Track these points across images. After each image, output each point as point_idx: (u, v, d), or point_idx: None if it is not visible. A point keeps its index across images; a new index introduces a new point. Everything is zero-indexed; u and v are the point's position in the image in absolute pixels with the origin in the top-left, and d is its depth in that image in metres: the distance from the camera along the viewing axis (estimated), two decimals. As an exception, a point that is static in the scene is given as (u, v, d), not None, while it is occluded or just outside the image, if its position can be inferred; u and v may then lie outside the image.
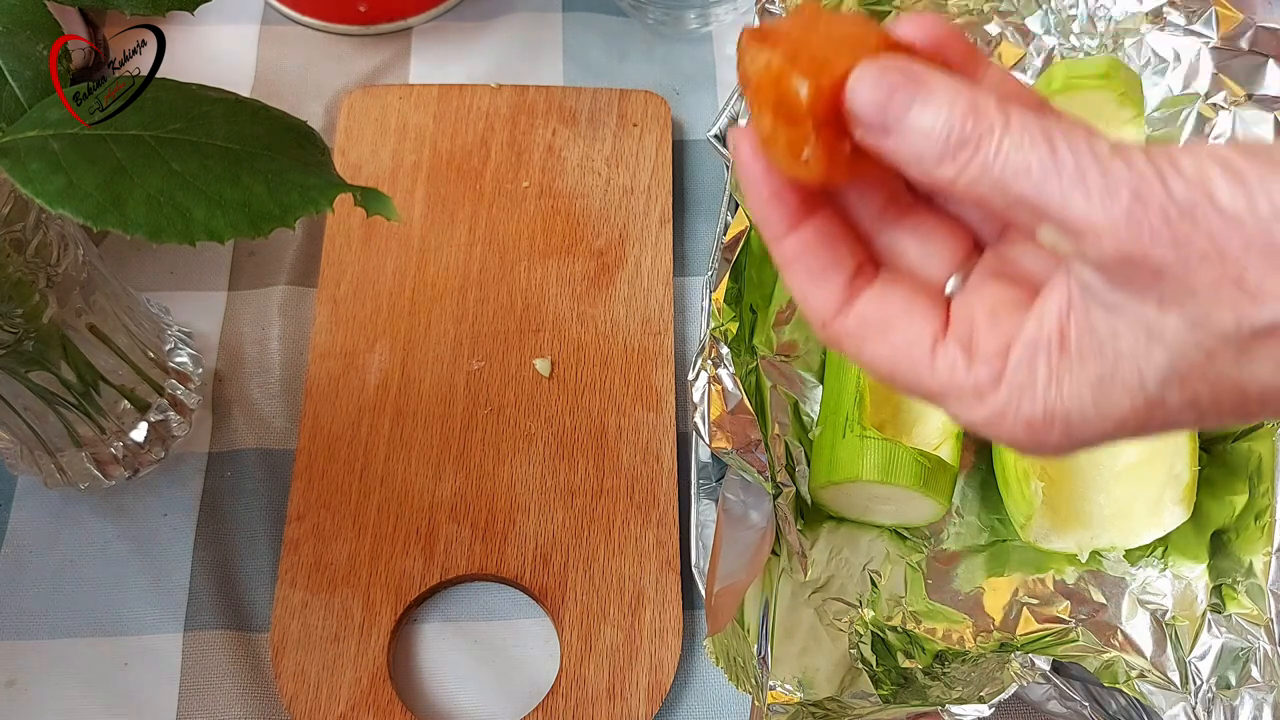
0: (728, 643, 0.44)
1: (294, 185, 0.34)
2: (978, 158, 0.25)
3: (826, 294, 0.29)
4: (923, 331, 0.28)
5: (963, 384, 0.27)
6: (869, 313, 0.29)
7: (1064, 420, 0.26)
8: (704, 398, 0.48)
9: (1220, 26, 0.56)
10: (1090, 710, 0.45)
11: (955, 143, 0.25)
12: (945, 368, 0.27)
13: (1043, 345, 0.26)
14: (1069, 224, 0.24)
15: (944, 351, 0.28)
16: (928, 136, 0.25)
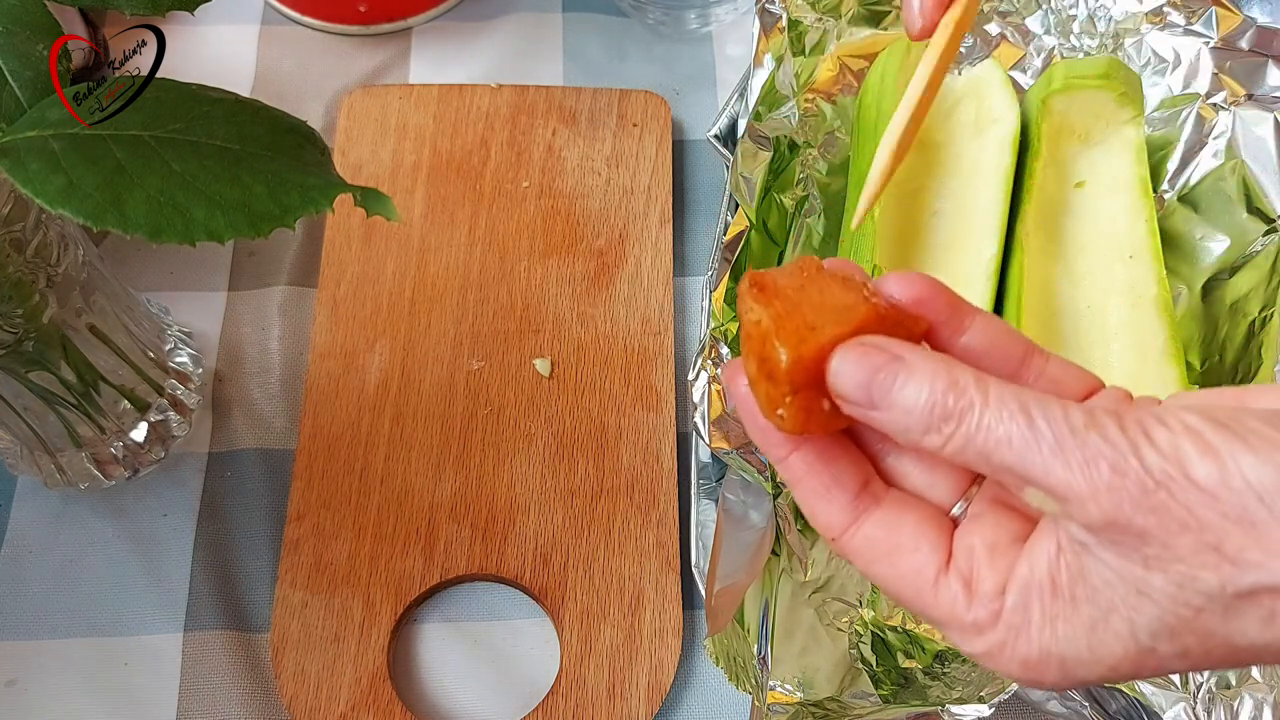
0: (728, 643, 0.44)
1: (294, 185, 0.34)
2: (960, 430, 0.26)
3: (833, 511, 0.30)
4: (928, 562, 0.29)
5: (963, 619, 0.28)
6: (877, 536, 0.29)
7: (1059, 660, 0.27)
8: (704, 398, 0.48)
9: (1220, 26, 0.56)
10: (1090, 710, 0.45)
11: (939, 417, 0.26)
12: (947, 601, 0.28)
13: (1035, 589, 0.27)
14: (1053, 491, 0.26)
15: (946, 585, 0.28)
16: (911, 413, 0.27)
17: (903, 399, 0.27)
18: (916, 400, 0.27)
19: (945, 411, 0.26)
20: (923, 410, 0.27)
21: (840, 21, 0.61)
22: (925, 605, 0.29)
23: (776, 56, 0.56)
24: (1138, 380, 0.51)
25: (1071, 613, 0.26)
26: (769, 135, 0.56)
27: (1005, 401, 0.26)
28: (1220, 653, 0.26)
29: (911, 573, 0.29)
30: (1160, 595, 0.25)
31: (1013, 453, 0.26)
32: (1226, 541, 0.24)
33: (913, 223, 0.56)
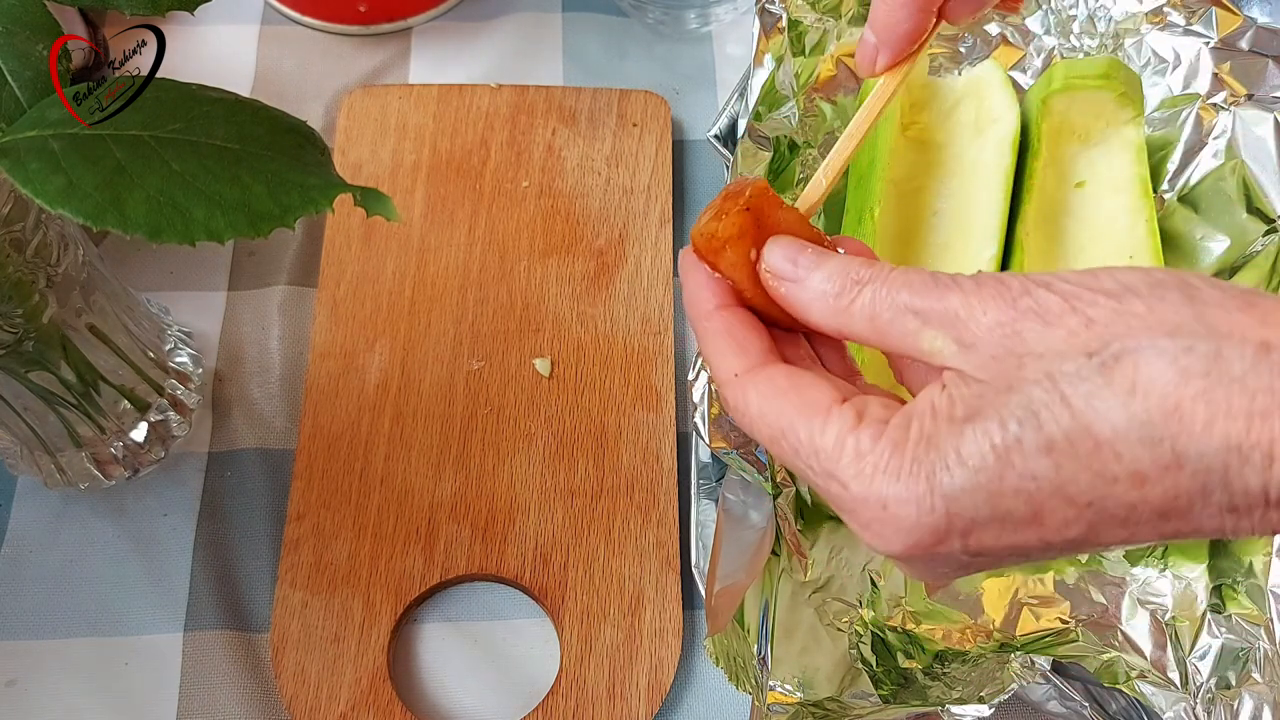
0: (728, 643, 0.44)
1: (294, 185, 0.34)
2: (868, 287, 0.30)
3: (742, 356, 0.32)
4: (824, 395, 0.30)
5: (846, 442, 0.29)
6: (778, 376, 0.31)
7: (929, 471, 0.28)
8: (704, 398, 0.48)
9: (1220, 26, 0.56)
10: (1090, 710, 0.45)
11: (852, 281, 0.31)
12: (836, 425, 0.29)
13: (917, 414, 0.29)
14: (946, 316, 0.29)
15: (839, 413, 0.30)
16: (829, 279, 0.31)
17: (821, 272, 0.31)
18: (832, 272, 0.31)
19: (857, 278, 0.31)
20: (838, 278, 0.31)
21: (840, 21, 0.61)
22: (812, 433, 0.30)
23: (776, 56, 0.56)
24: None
25: (946, 425, 0.28)
26: (769, 135, 0.55)
27: (906, 269, 0.30)
28: (1085, 448, 0.26)
29: (807, 403, 0.30)
30: (1032, 388, 0.27)
31: (912, 291, 0.29)
32: (1097, 314, 0.27)
33: (913, 223, 0.56)
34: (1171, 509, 0.26)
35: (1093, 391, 0.26)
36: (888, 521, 0.28)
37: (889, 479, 0.28)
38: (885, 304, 0.30)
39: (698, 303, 0.34)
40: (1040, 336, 0.27)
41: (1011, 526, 0.27)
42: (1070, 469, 0.26)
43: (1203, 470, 0.25)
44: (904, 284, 0.30)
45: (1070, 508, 0.27)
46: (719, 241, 0.34)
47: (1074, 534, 0.27)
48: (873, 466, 0.28)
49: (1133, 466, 0.26)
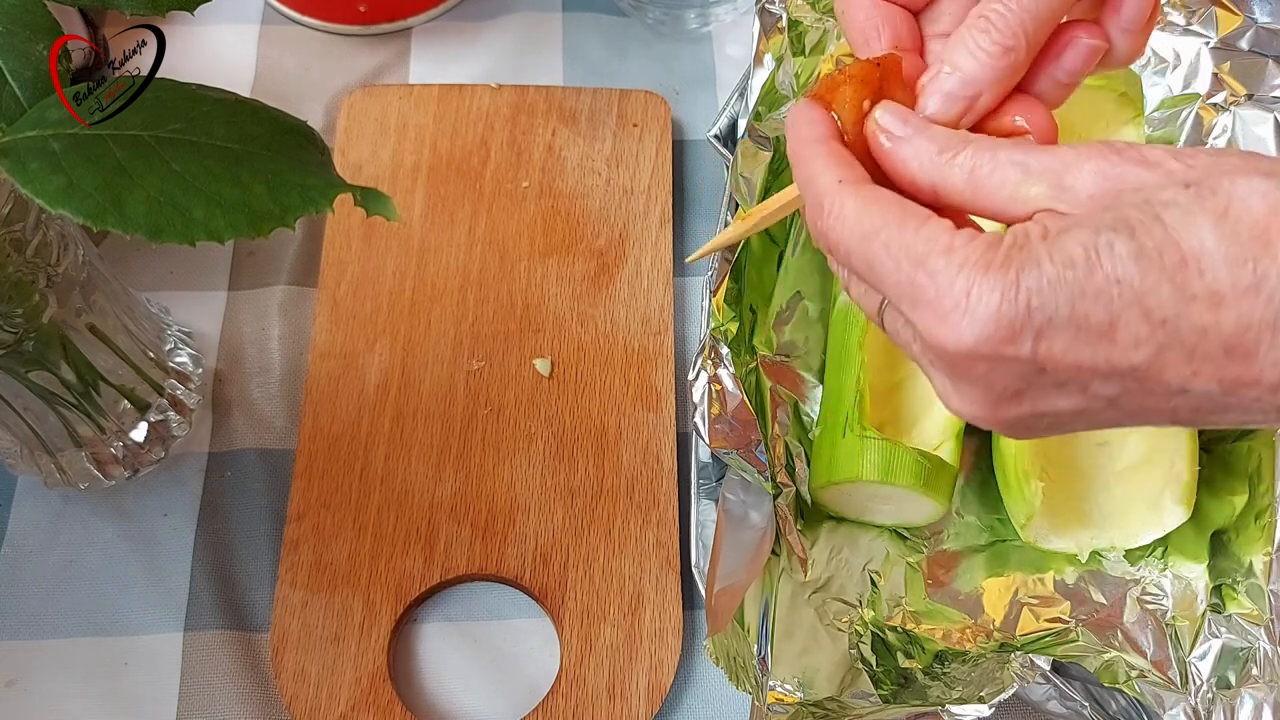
0: (728, 643, 0.44)
1: (294, 185, 0.34)
2: (969, 147, 0.31)
3: (850, 169, 0.32)
4: (921, 209, 0.31)
5: (939, 237, 0.30)
6: (883, 190, 0.32)
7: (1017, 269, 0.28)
8: (704, 398, 0.48)
9: (1220, 26, 0.56)
10: (1090, 710, 0.45)
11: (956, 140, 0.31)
12: (930, 229, 0.30)
13: (1012, 232, 0.29)
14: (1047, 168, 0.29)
15: (936, 221, 0.30)
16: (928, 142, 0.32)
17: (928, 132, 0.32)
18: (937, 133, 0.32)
19: (963, 138, 0.31)
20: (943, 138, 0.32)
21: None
22: (906, 231, 0.30)
23: (776, 56, 0.56)
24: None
25: (1040, 239, 0.28)
26: (769, 135, 0.55)
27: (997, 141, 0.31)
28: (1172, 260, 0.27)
29: (906, 209, 0.31)
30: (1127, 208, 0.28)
31: (1015, 148, 0.30)
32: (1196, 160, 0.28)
33: (913, 223, 0.56)
34: (1238, 345, 0.27)
35: (1186, 212, 0.27)
36: (967, 310, 0.29)
37: (978, 270, 0.29)
38: (986, 158, 0.30)
39: (811, 128, 0.34)
40: (1139, 175, 0.29)
41: (1084, 336, 0.28)
42: (1153, 279, 0.27)
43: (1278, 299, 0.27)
44: (1008, 144, 0.31)
45: (1145, 323, 0.27)
46: (842, 78, 0.34)
47: (1140, 357, 0.28)
48: (963, 259, 0.29)
49: (1213, 285, 0.27)
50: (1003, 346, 0.28)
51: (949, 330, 0.29)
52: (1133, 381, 0.28)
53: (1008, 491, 0.49)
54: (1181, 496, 0.49)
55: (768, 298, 0.55)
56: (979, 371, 0.30)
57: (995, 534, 0.52)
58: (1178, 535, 0.50)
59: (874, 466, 0.47)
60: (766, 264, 0.56)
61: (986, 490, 0.53)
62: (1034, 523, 0.49)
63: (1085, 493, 0.50)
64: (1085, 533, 0.49)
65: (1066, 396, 0.29)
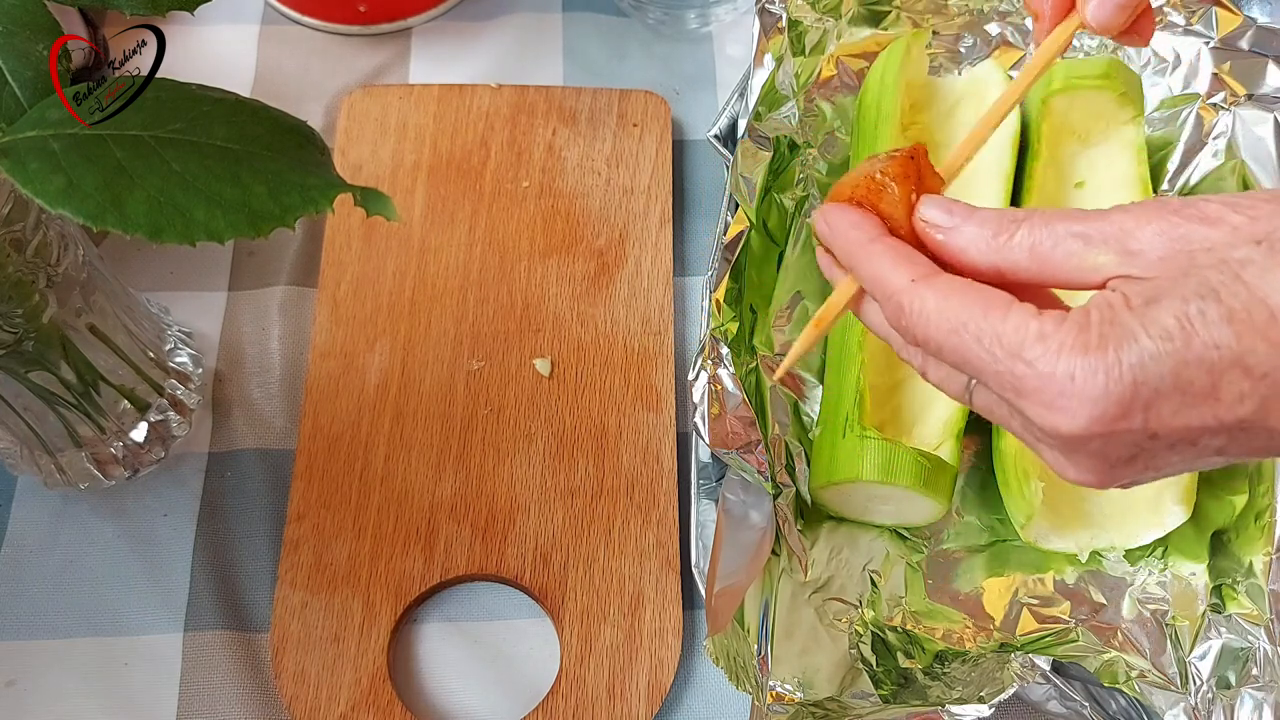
0: (728, 643, 0.44)
1: (294, 185, 0.34)
2: (1028, 221, 0.32)
3: (916, 266, 0.33)
4: (1002, 294, 0.32)
5: (1029, 328, 0.31)
6: (954, 279, 0.33)
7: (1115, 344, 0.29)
8: (704, 398, 0.48)
9: (1220, 26, 0.56)
10: (1090, 710, 0.45)
11: (1009, 220, 0.32)
12: (1018, 317, 0.31)
13: (1095, 304, 0.30)
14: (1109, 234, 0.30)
15: (1019, 308, 0.31)
16: (985, 223, 0.33)
17: (976, 217, 0.33)
18: (986, 218, 0.33)
19: (1013, 218, 0.32)
20: (993, 221, 0.33)
21: (840, 21, 0.61)
22: (994, 322, 0.31)
23: (776, 56, 0.56)
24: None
25: (1127, 312, 0.30)
26: (769, 135, 0.56)
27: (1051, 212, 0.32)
28: (1261, 318, 0.28)
29: (986, 298, 0.32)
30: (1207, 271, 0.29)
31: (1072, 220, 0.31)
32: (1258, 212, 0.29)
33: (913, 223, 0.56)
34: None
35: (1264, 269, 0.28)
36: (1074, 394, 0.29)
37: (1076, 353, 0.29)
38: (1045, 234, 0.32)
39: (861, 230, 0.35)
40: (1205, 234, 0.29)
41: (1190, 400, 0.29)
42: (1249, 340, 0.28)
43: None
44: (1061, 216, 0.32)
45: (1246, 379, 0.29)
46: (885, 179, 0.35)
47: (1246, 411, 0.29)
48: (1059, 344, 0.30)
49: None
50: (1115, 424, 0.30)
51: (1060, 416, 0.30)
52: (1239, 432, 0.29)
53: (1008, 491, 0.49)
54: (1181, 496, 0.49)
55: (768, 298, 0.55)
56: (1093, 447, 0.30)
57: (995, 534, 0.52)
58: (1178, 535, 0.50)
59: (874, 466, 0.47)
60: (766, 264, 0.56)
61: (986, 490, 0.53)
62: (1034, 523, 0.49)
63: (1085, 493, 0.50)
64: (1085, 533, 0.49)
65: (1178, 454, 0.31)
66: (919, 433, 0.51)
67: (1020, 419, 0.32)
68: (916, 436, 0.51)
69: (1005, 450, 0.49)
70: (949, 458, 0.49)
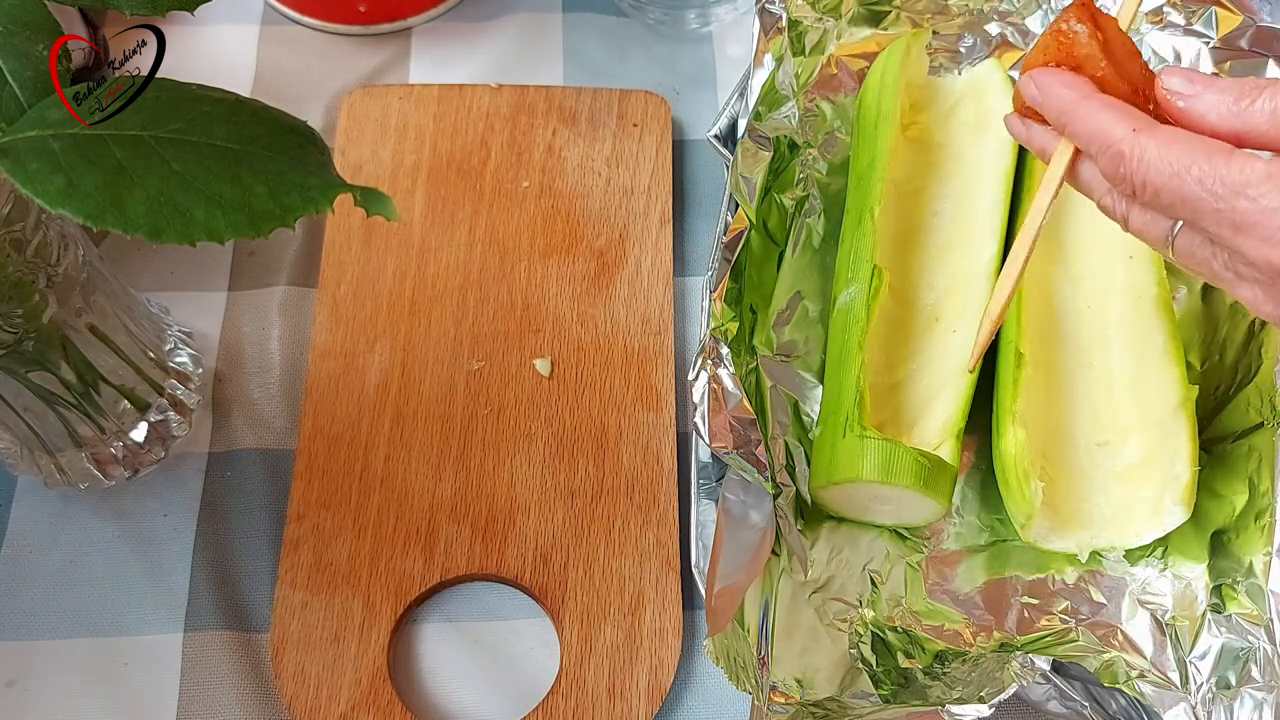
0: (728, 643, 0.44)
1: (294, 185, 0.34)
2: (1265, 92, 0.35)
3: (1135, 118, 0.36)
4: (1222, 143, 0.34)
5: (1254, 168, 0.33)
6: (1177, 129, 0.35)
7: None
8: (704, 398, 0.48)
9: (1220, 26, 0.56)
10: (1090, 710, 0.45)
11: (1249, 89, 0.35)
12: (1241, 159, 0.33)
13: None
14: None
15: (1240, 153, 0.34)
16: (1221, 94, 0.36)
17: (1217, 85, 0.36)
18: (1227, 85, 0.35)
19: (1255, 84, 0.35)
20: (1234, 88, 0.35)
21: (840, 21, 0.61)
22: (1218, 164, 0.34)
23: (776, 56, 0.56)
24: (1138, 380, 0.51)
25: None
26: (769, 135, 0.56)
27: None
28: None
29: (1209, 145, 0.34)
30: None
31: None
32: None
33: (913, 223, 0.56)
34: None
35: None
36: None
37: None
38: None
39: (1074, 89, 0.37)
40: None
41: None
42: None
43: None
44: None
45: None
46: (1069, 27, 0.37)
47: None
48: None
49: None
50: None
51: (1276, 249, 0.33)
52: None
53: (1008, 491, 0.49)
54: (1181, 497, 0.49)
55: (768, 298, 0.55)
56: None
57: (995, 534, 0.52)
58: (1178, 535, 0.50)
59: (874, 466, 0.47)
60: (766, 264, 0.56)
61: (986, 490, 0.53)
62: (1034, 523, 0.49)
63: (1085, 493, 0.50)
64: (1085, 533, 0.49)
65: None
66: (919, 433, 0.51)
67: (1224, 258, 0.35)
68: (916, 436, 0.51)
69: (1005, 450, 0.49)
70: (949, 458, 0.49)
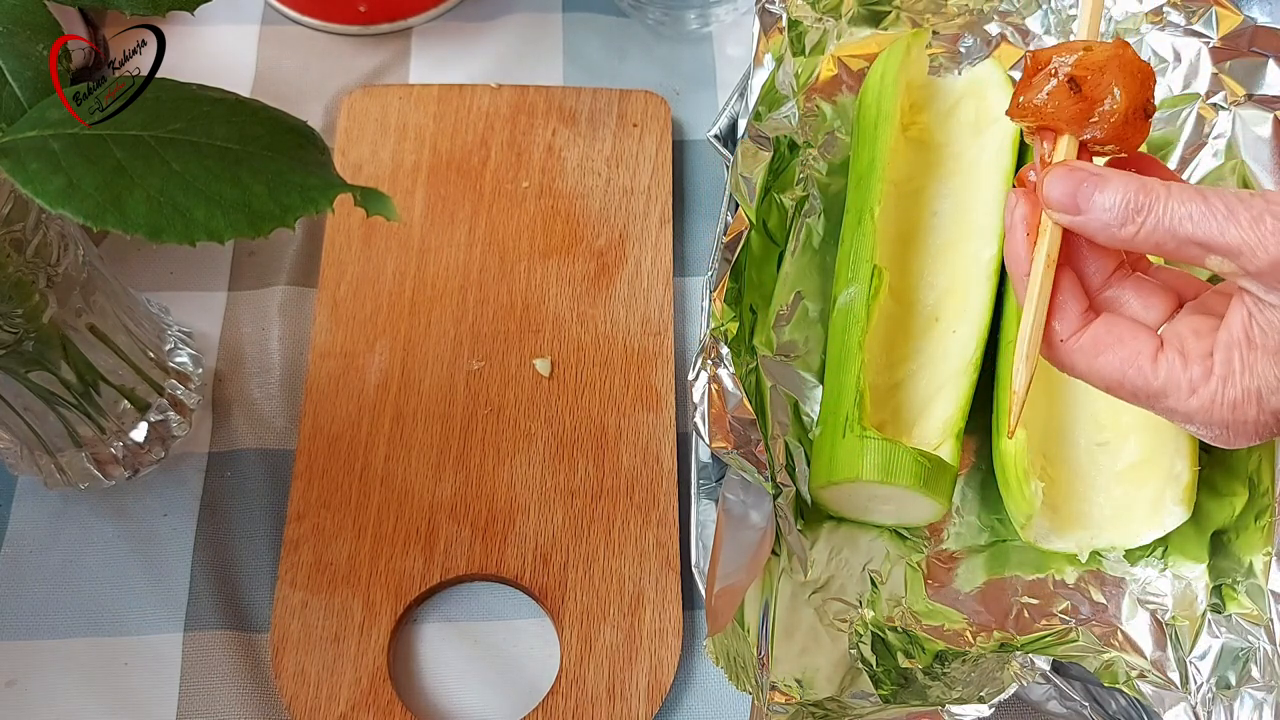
0: (728, 643, 0.44)
1: (294, 185, 0.34)
2: (1150, 217, 0.35)
3: (1065, 321, 0.38)
4: (1145, 345, 0.37)
5: (1180, 381, 0.36)
6: (1099, 333, 0.38)
7: (1257, 395, 0.35)
8: (704, 398, 0.48)
9: (1220, 26, 0.56)
10: (1090, 710, 0.45)
11: (1132, 210, 0.35)
12: (1165, 370, 0.37)
13: (1235, 345, 0.36)
14: (1229, 249, 0.34)
15: (1165, 358, 0.37)
16: (1110, 210, 0.36)
17: (1101, 201, 0.36)
18: (1113, 200, 0.36)
19: (1137, 205, 0.35)
20: (1119, 207, 0.35)
21: (840, 21, 0.61)
22: (1146, 379, 0.37)
23: (776, 56, 0.56)
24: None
25: (1262, 355, 0.35)
26: (769, 135, 0.55)
27: (1185, 191, 0.35)
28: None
29: (1133, 354, 0.37)
30: None
31: (1194, 225, 0.34)
32: None
33: (913, 223, 0.56)
34: None
35: None
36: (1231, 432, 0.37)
37: (1227, 409, 0.36)
38: (1167, 236, 0.35)
39: (1017, 262, 0.39)
40: None
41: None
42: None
43: None
44: (1184, 217, 0.35)
45: None
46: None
47: None
48: (1209, 399, 0.36)
49: None
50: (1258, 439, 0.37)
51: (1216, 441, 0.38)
52: None
53: (1008, 491, 0.49)
54: (1181, 496, 0.49)
55: (768, 298, 0.55)
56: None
57: (995, 534, 0.52)
58: (1178, 535, 0.50)
59: (874, 466, 0.47)
60: (766, 264, 0.56)
61: (986, 490, 0.53)
62: (1034, 523, 0.49)
63: (1085, 493, 0.50)
64: (1085, 533, 0.49)
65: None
66: (919, 433, 0.51)
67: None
68: (916, 436, 0.51)
69: (1005, 450, 0.49)
70: (949, 458, 0.49)
